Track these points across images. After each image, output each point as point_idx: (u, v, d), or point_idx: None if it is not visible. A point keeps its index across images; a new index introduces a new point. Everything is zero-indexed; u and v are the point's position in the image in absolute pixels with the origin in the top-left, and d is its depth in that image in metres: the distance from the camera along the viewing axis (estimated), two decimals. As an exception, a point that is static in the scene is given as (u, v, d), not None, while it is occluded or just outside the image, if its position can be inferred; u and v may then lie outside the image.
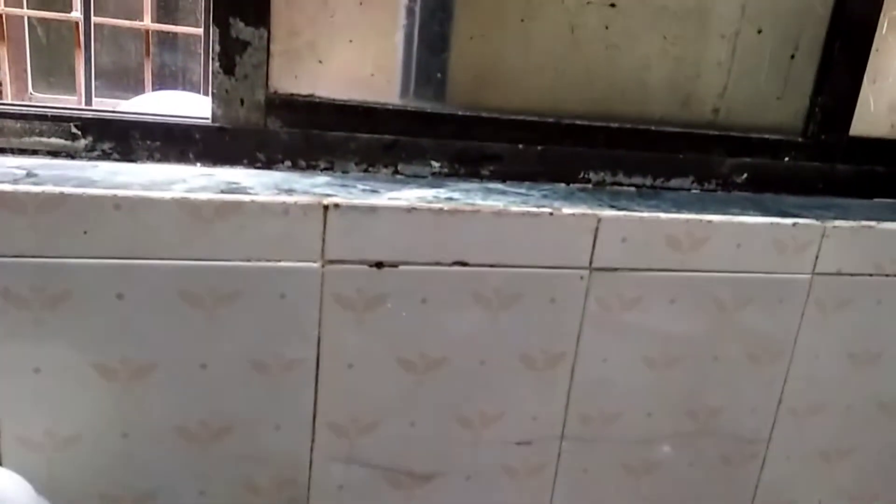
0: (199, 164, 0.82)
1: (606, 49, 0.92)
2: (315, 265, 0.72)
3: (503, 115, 0.91)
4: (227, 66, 0.81)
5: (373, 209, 0.72)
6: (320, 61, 0.85)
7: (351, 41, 0.85)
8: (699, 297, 0.83)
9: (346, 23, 0.84)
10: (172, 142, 0.81)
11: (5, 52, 1.90)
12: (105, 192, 0.65)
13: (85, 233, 0.65)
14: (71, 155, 0.79)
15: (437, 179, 0.89)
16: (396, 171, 0.88)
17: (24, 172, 0.70)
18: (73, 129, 0.78)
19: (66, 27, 1.96)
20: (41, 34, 2.10)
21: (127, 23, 1.68)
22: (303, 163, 0.85)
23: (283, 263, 0.71)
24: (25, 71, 2.08)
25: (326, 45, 0.85)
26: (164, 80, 2.03)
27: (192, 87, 2.16)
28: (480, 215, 0.75)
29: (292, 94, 0.85)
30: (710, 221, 0.81)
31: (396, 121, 0.88)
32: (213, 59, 0.81)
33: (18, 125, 0.77)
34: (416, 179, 0.87)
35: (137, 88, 1.92)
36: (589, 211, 0.78)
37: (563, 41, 0.91)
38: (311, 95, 0.85)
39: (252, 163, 0.84)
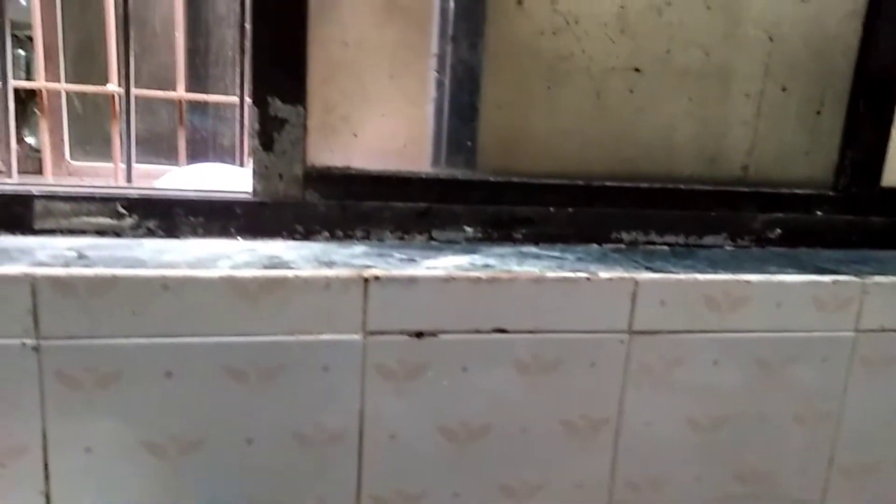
0: (240, 238, 0.84)
1: (632, 112, 0.94)
2: (357, 337, 0.73)
3: (533, 179, 0.92)
4: (267, 143, 0.83)
5: (412, 280, 0.73)
6: (355, 134, 0.88)
7: (383, 114, 0.88)
8: (741, 358, 0.82)
9: (379, 97, 0.87)
10: (215, 217, 0.83)
11: (45, 123, 1.97)
12: (154, 273, 0.67)
13: (134, 313, 0.67)
14: (118, 233, 0.81)
15: (471, 245, 0.90)
16: (431, 238, 0.90)
17: (76, 254, 0.72)
18: (120, 209, 0.81)
19: (102, 97, 2.03)
20: (77, 105, 2.18)
21: (162, 93, 1.75)
22: (340, 233, 0.87)
23: (325, 336, 0.72)
24: (63, 140, 2.16)
25: (360, 118, 0.87)
26: (195, 144, 2.09)
27: (222, 150, 2.23)
28: (518, 282, 0.75)
29: (329, 167, 0.87)
30: (748, 282, 0.81)
31: (429, 189, 0.90)
32: (253, 136, 0.84)
33: (68, 206, 0.80)
34: (450, 245, 0.89)
35: (170, 154, 1.98)
36: (626, 274, 0.78)
37: (590, 106, 0.93)
38: (347, 167, 0.88)
39: (291, 235, 0.86)
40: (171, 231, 0.83)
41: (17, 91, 2.97)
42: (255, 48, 0.81)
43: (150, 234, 0.82)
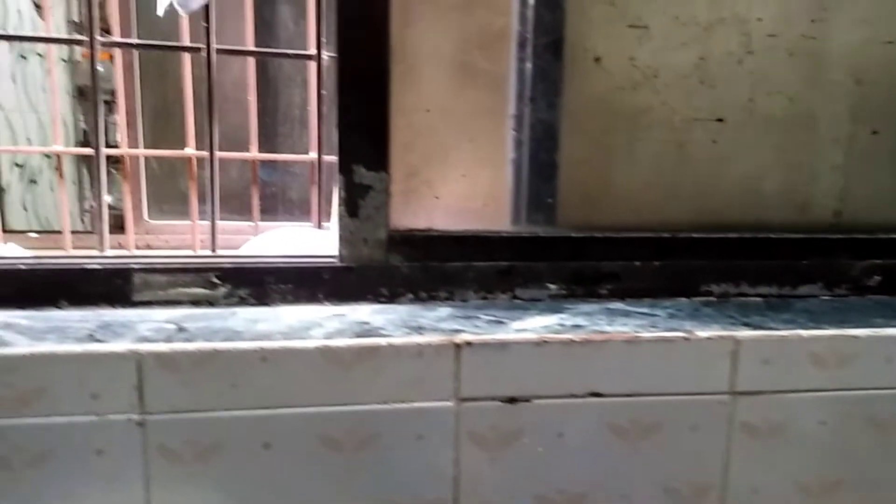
0: (327, 303, 0.85)
1: (716, 162, 0.92)
2: (449, 404, 0.72)
3: (616, 233, 0.91)
4: (352, 210, 0.85)
5: (503, 345, 0.72)
6: (436, 196, 0.88)
7: (464, 175, 0.88)
8: (852, 417, 0.78)
9: (459, 160, 0.88)
10: (303, 283, 0.85)
11: (126, 186, 2.07)
12: (252, 346, 0.68)
13: (234, 386, 0.68)
14: (211, 302, 0.83)
15: (556, 302, 0.88)
16: (514, 297, 0.89)
17: (175, 327, 0.74)
18: (213, 279, 0.83)
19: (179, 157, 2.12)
20: (155, 166, 2.29)
21: (238, 155, 1.81)
22: (424, 294, 0.87)
23: (418, 404, 0.72)
24: (141, 200, 2.26)
25: (441, 181, 0.88)
26: (265, 198, 2.15)
27: (290, 204, 2.29)
28: (612, 344, 0.73)
29: (411, 230, 0.88)
30: (855, 337, 0.77)
31: (511, 247, 0.89)
32: (339, 203, 0.85)
33: (164, 278, 0.82)
34: (534, 304, 0.87)
35: (242, 210, 2.05)
36: (725, 333, 0.75)
37: (672, 158, 0.91)
38: (429, 229, 0.88)
39: (376, 298, 0.86)
40: (261, 298, 0.84)
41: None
42: (342, 119, 0.83)
43: (242, 302, 0.84)
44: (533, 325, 0.77)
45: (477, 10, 0.86)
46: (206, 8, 1.06)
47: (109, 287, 0.81)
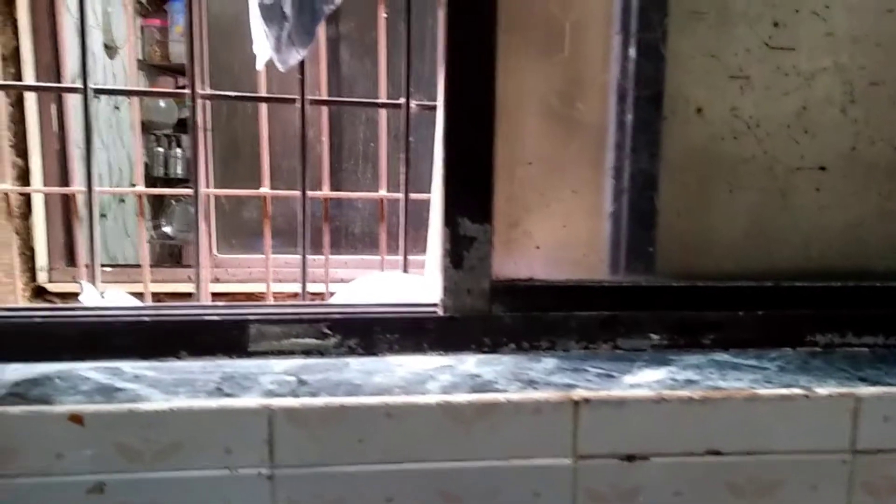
0: (431, 353, 0.86)
1: (819, 210, 0.91)
2: (567, 461, 0.72)
3: (718, 282, 0.90)
4: (456, 261, 0.86)
5: (621, 402, 0.72)
6: (537, 247, 0.89)
7: (564, 226, 0.89)
8: (980, 478, 0.75)
9: (561, 210, 0.89)
10: (408, 333, 0.86)
11: (204, 224, 2.14)
12: (377, 402, 0.70)
13: (360, 441, 0.70)
14: (321, 352, 0.85)
15: (659, 353, 0.88)
16: (616, 346, 0.89)
17: (295, 379, 0.76)
18: (325, 330, 0.85)
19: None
20: (224, 202, 2.36)
21: (311, 194, 1.86)
22: (526, 344, 0.88)
23: (535, 461, 0.72)
24: (210, 235, 2.33)
25: (542, 231, 0.89)
26: (337, 235, 2.20)
27: (353, 238, 2.32)
28: (731, 402, 0.73)
29: (513, 280, 0.89)
30: (982, 394, 0.75)
31: (612, 296, 0.90)
32: (443, 255, 0.87)
33: (279, 329, 0.85)
34: (637, 354, 0.87)
35: (315, 247, 2.11)
36: (845, 390, 0.74)
37: (773, 207, 0.91)
38: (531, 279, 0.89)
39: (479, 348, 0.87)
40: (369, 348, 0.86)
41: (168, 186, 3.24)
42: (448, 173, 0.85)
43: (351, 352, 0.86)
44: (646, 380, 0.77)
45: (577, 64, 0.87)
46: (301, 62, 1.10)
47: (227, 338, 0.84)
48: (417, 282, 1.04)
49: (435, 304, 0.89)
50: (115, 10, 2.98)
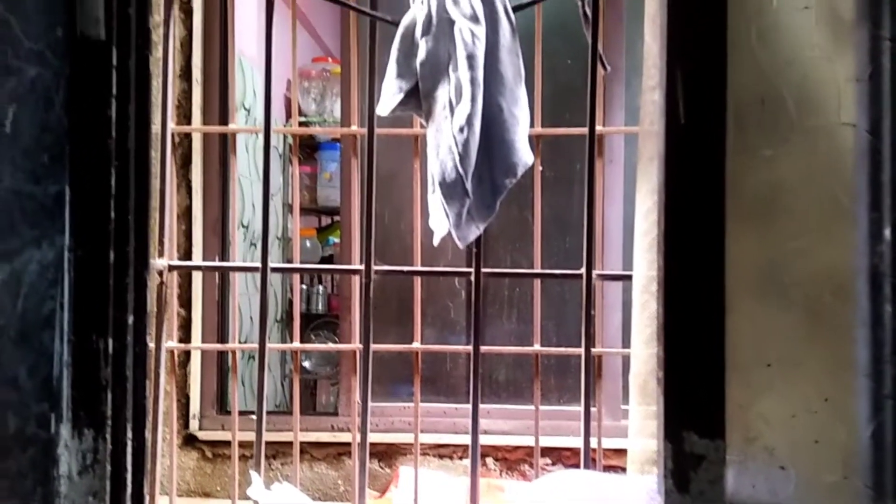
0: None
1: None
2: None
3: None
4: (681, 484, 0.72)
5: None
6: (782, 467, 0.73)
7: (816, 441, 0.73)
8: None
9: (810, 423, 0.73)
10: (626, 573, 0.72)
11: (353, 379, 2.11)
12: None
13: None
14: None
15: None
16: None
17: None
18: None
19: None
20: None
21: (461, 348, 1.79)
22: None
23: None
24: (353, 381, 2.29)
25: (787, 448, 0.74)
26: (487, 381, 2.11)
27: (497, 385, 2.21)
28: None
29: (753, 508, 0.73)
30: None
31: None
32: (664, 475, 0.73)
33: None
34: None
35: (448, 393, 2.05)
36: None
37: None
38: (774, 508, 0.73)
39: None
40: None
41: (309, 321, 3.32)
42: (669, 378, 0.73)
43: None
44: None
45: (826, 248, 0.75)
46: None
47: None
48: (614, 485, 0.90)
49: (656, 532, 0.74)
50: (273, 159, 3.21)
